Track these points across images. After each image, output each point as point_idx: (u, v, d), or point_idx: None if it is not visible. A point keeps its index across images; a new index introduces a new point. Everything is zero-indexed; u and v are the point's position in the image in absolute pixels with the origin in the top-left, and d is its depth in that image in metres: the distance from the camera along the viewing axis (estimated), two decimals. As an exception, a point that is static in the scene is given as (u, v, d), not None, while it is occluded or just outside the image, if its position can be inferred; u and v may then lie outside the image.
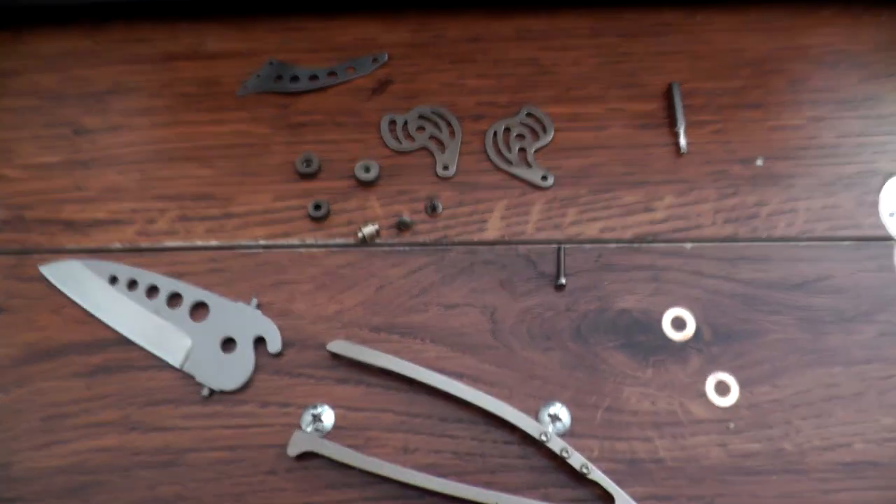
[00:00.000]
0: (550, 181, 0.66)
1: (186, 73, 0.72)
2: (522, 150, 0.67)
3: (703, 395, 0.58)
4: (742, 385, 0.58)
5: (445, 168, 0.66)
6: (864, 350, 0.60)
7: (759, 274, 0.62)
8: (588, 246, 0.64)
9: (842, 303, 0.61)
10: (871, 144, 0.67)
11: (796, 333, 0.60)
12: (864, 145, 0.67)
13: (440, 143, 0.68)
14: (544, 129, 0.68)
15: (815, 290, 0.62)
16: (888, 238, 0.64)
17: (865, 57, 0.71)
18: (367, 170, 0.65)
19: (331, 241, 0.64)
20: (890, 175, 0.66)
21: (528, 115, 0.69)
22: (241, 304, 0.61)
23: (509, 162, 0.66)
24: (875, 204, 0.65)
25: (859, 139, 0.68)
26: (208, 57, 0.73)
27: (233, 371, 0.59)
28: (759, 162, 0.67)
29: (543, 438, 0.54)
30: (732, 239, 0.64)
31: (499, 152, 0.67)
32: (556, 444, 0.54)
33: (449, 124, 0.68)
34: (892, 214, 0.65)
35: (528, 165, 0.66)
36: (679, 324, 0.61)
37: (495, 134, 0.68)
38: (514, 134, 0.68)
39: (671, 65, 0.71)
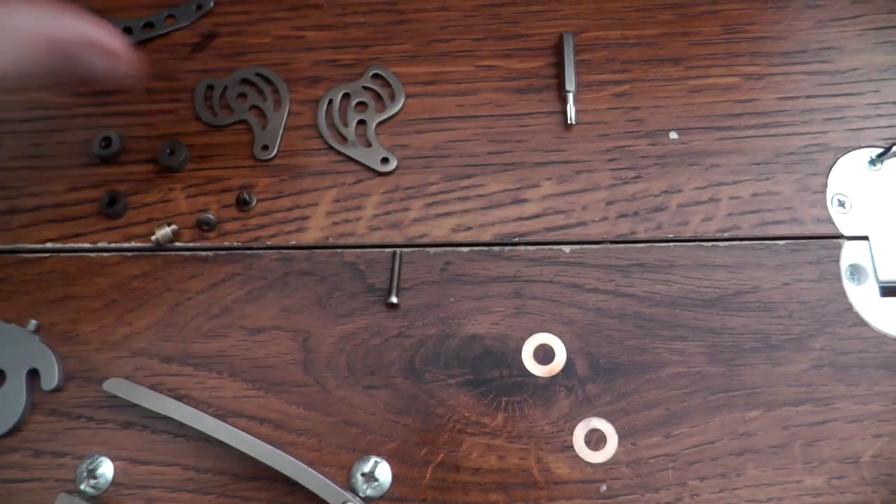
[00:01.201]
0: (393, 165, 0.51)
1: (-14, 26, 0.59)
2: (363, 122, 0.53)
3: (570, 447, 0.45)
4: (623, 435, 0.45)
5: (265, 148, 0.52)
6: (793, 388, 0.46)
7: (660, 286, 0.48)
8: (433, 250, 0.50)
9: (769, 324, 0.47)
10: (823, 109, 0.52)
11: (704, 366, 0.46)
12: (813, 111, 0.52)
13: (263, 116, 0.54)
14: (392, 96, 0.53)
15: (734, 307, 0.48)
16: (835, 236, 0.49)
17: (826, -7, 0.55)
18: (172, 151, 0.52)
19: (125, 245, 0.51)
20: (843, 151, 0.50)
21: (375, 76, 0.54)
22: (14, 327, 0.49)
23: (344, 139, 0.52)
24: (821, 190, 0.50)
25: (808, 102, 0.52)
26: (12, 6, 0.60)
27: (1, 411, 0.48)
28: (674, 135, 0.52)
29: (344, 512, 0.42)
30: (628, 240, 0.50)
31: (333, 127, 0.53)
32: (360, 522, 0.42)
33: (276, 91, 0.54)
34: (842, 203, 0.49)
35: (368, 144, 0.52)
36: (544, 354, 0.47)
37: (331, 102, 0.53)
38: (354, 102, 0.53)
39: (569, 8, 0.56)
